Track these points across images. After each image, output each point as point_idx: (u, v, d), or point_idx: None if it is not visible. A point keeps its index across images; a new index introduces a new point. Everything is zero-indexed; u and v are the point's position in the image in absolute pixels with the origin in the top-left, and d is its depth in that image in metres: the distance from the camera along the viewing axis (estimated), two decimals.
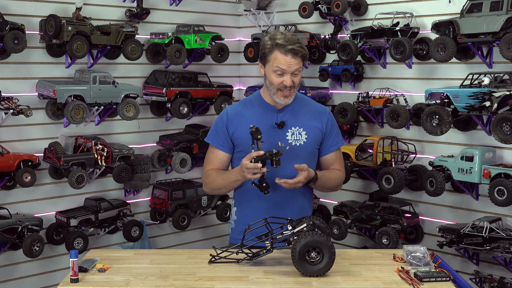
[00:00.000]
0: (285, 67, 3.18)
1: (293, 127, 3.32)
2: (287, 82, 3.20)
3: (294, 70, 3.20)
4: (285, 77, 3.21)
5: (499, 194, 4.56)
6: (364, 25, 5.69)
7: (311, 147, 3.34)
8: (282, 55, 3.18)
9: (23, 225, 4.98)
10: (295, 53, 3.17)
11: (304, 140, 3.31)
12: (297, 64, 3.21)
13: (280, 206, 3.24)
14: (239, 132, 3.33)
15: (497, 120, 4.45)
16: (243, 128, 3.28)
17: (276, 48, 3.19)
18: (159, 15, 6.06)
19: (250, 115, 3.35)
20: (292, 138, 3.30)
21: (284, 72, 3.20)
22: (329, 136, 3.41)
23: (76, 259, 2.61)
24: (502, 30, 4.52)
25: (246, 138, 3.23)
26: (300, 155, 3.28)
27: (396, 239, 5.15)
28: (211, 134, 3.45)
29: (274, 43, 3.20)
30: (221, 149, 3.38)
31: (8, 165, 4.95)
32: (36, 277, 5.41)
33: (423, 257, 2.81)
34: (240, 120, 3.34)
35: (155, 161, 6.03)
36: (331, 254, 2.62)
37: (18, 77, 5.18)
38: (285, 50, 3.17)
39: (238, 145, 3.36)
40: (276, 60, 3.19)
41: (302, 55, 3.21)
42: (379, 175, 5.29)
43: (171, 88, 5.81)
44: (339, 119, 5.64)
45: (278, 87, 3.23)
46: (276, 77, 3.22)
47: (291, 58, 3.18)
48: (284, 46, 3.17)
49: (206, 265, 2.83)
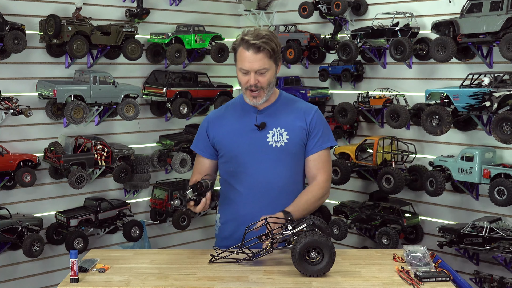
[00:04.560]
0: (247, 65, 3.00)
1: (274, 128, 3.15)
2: (251, 81, 3.03)
3: (258, 68, 3.00)
4: (249, 76, 3.03)
5: (499, 194, 4.56)
6: (364, 25, 5.69)
7: (294, 148, 3.16)
8: (244, 52, 3.00)
9: (23, 225, 4.97)
10: (257, 48, 2.97)
11: (285, 141, 3.14)
12: (260, 61, 2.99)
13: (263, 213, 2.98)
14: (219, 137, 3.22)
15: (497, 120, 4.45)
16: (223, 131, 3.20)
17: (241, 43, 3.03)
18: (159, 15, 6.06)
19: (230, 117, 3.24)
20: (272, 139, 3.14)
21: (248, 71, 3.03)
22: (314, 136, 3.19)
23: (76, 259, 2.61)
24: (502, 30, 4.52)
25: (227, 142, 3.18)
26: (281, 157, 3.14)
27: (396, 239, 5.15)
28: (195, 140, 3.35)
29: (240, 39, 3.04)
30: (204, 155, 3.28)
31: (8, 165, 4.94)
32: (36, 277, 5.41)
33: (423, 257, 2.80)
34: (220, 123, 3.24)
35: (155, 161, 6.03)
36: (331, 254, 2.62)
37: (18, 77, 5.18)
38: (247, 46, 2.98)
39: (219, 150, 3.25)
40: (240, 57, 3.04)
41: (267, 52, 3.00)
42: (379, 175, 5.29)
43: (171, 88, 5.81)
44: (339, 119, 5.64)
45: (245, 86, 3.09)
46: (241, 75, 3.07)
47: (252, 53, 2.98)
48: (247, 41, 2.98)
49: (206, 265, 2.83)
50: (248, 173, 3.16)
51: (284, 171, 3.16)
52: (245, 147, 3.15)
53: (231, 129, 3.20)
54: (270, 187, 3.14)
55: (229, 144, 3.18)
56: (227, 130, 3.20)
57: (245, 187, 3.18)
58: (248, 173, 3.16)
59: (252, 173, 3.14)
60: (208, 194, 2.96)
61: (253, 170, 3.14)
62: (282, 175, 3.15)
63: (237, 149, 3.18)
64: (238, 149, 3.17)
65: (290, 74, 6.32)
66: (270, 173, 3.12)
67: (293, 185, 3.20)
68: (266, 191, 3.13)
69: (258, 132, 3.15)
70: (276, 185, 3.14)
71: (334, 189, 6.00)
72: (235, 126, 3.19)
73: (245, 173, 3.17)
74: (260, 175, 3.13)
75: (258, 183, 3.14)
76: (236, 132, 3.19)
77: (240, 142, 3.17)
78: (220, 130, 3.22)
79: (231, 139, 3.19)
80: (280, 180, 3.15)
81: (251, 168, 3.15)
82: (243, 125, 3.18)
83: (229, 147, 3.19)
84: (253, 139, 3.15)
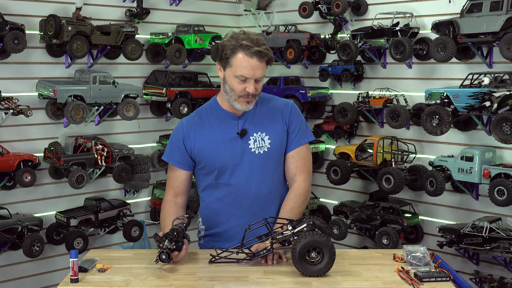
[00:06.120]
0: (249, 73, 2.86)
1: (255, 133, 3.03)
2: (249, 89, 2.89)
3: (260, 76, 2.90)
4: (248, 84, 2.90)
5: (499, 194, 4.56)
6: (364, 25, 5.69)
7: (277, 153, 3.06)
8: (246, 58, 2.85)
9: (23, 225, 4.98)
10: (261, 56, 2.86)
11: (268, 146, 3.03)
12: (262, 69, 2.89)
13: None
14: (198, 148, 3.05)
15: (497, 120, 4.45)
16: (202, 142, 3.04)
17: (240, 49, 2.86)
18: (159, 15, 6.06)
19: (208, 126, 3.06)
20: (255, 146, 3.01)
21: (247, 78, 2.89)
22: (292, 132, 3.08)
23: (76, 259, 2.60)
24: (502, 30, 4.52)
25: (207, 153, 3.03)
26: (265, 164, 3.04)
27: (396, 239, 5.15)
28: (168, 151, 3.15)
29: (238, 44, 2.86)
30: (179, 167, 3.11)
31: (8, 165, 4.94)
32: (36, 277, 5.41)
33: (423, 257, 2.80)
34: (198, 133, 3.06)
35: (155, 161, 6.03)
36: (331, 254, 2.62)
37: (18, 77, 5.18)
38: (251, 53, 2.84)
39: (199, 161, 3.08)
40: (240, 64, 2.86)
41: (267, 60, 2.90)
42: (379, 175, 5.29)
43: (171, 88, 5.81)
44: (339, 119, 5.64)
45: (240, 94, 2.92)
46: (238, 83, 2.90)
47: (256, 61, 2.86)
48: (250, 47, 2.84)
49: (206, 265, 2.83)
50: (233, 184, 3.05)
51: (270, 178, 3.08)
52: (228, 157, 3.02)
53: (210, 139, 3.05)
54: (256, 196, 3.05)
55: (210, 155, 3.03)
56: (206, 140, 3.04)
57: (230, 199, 3.08)
58: (233, 184, 3.05)
59: (237, 184, 3.04)
60: (185, 240, 2.82)
61: (237, 181, 3.04)
62: (268, 183, 3.07)
63: (219, 160, 3.03)
64: (220, 160, 3.03)
65: (290, 74, 6.32)
66: (256, 182, 3.03)
67: (277, 191, 3.12)
68: (254, 200, 3.05)
69: (240, 140, 3.02)
70: (262, 194, 3.06)
71: (334, 189, 6.01)
72: (214, 135, 3.03)
73: (229, 184, 3.06)
74: (245, 185, 3.03)
75: (244, 194, 3.05)
76: (216, 142, 3.04)
77: (221, 152, 3.03)
78: (198, 140, 3.05)
79: (211, 149, 3.04)
80: (266, 187, 3.07)
81: (235, 179, 3.04)
82: (223, 133, 3.03)
83: (210, 159, 3.04)
84: (235, 148, 3.02)
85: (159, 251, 2.69)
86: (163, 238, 2.72)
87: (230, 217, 3.11)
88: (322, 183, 6.05)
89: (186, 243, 2.82)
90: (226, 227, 3.14)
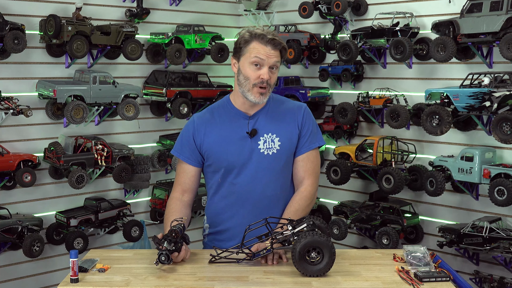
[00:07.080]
0: (264, 57, 2.92)
1: (266, 134, 3.03)
2: (264, 75, 2.92)
3: (273, 63, 2.95)
4: (263, 70, 2.93)
5: (499, 194, 4.56)
6: (364, 25, 5.69)
7: (285, 155, 3.07)
8: (261, 46, 2.93)
9: (23, 225, 4.97)
10: (275, 44, 2.94)
11: (277, 147, 3.04)
12: (277, 57, 2.96)
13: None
14: (207, 144, 3.06)
15: (497, 120, 4.45)
16: (211, 139, 3.05)
17: (254, 38, 2.95)
18: (159, 15, 6.06)
19: (219, 124, 3.07)
20: (264, 146, 3.02)
21: (262, 64, 2.93)
22: (303, 135, 3.10)
23: (76, 259, 2.60)
24: (502, 30, 4.52)
25: (215, 151, 3.03)
26: (274, 166, 3.04)
27: (396, 239, 5.15)
28: (177, 145, 3.16)
29: (253, 34, 2.95)
30: (189, 162, 3.11)
31: (8, 165, 4.94)
32: (36, 277, 5.41)
33: (423, 257, 2.80)
34: (208, 130, 3.07)
35: (155, 161, 6.03)
36: (331, 254, 2.62)
37: (18, 77, 5.18)
38: (265, 41, 2.92)
39: (207, 158, 3.09)
40: (255, 50, 2.94)
41: (281, 49, 2.97)
42: (379, 175, 5.29)
43: (171, 88, 5.81)
44: (339, 119, 5.64)
45: (254, 82, 2.95)
46: (253, 70, 2.95)
47: (270, 49, 2.93)
48: (264, 36, 2.93)
49: (206, 265, 2.83)
50: (238, 183, 3.05)
51: (275, 180, 3.07)
52: (236, 156, 3.02)
53: (220, 137, 3.05)
54: (261, 197, 3.05)
55: (218, 152, 3.04)
56: (215, 137, 3.05)
57: (234, 198, 3.08)
58: (238, 183, 3.05)
59: (242, 183, 3.04)
60: (184, 242, 2.81)
61: (243, 181, 3.04)
62: (274, 185, 3.07)
63: (227, 159, 3.04)
64: (228, 159, 3.04)
65: (290, 74, 6.32)
66: (261, 183, 3.03)
67: (283, 194, 3.12)
68: (258, 201, 3.05)
69: (249, 140, 3.03)
70: (267, 195, 3.06)
71: (334, 189, 6.01)
72: (224, 133, 3.04)
73: (234, 183, 3.06)
74: (250, 185, 3.03)
75: (248, 193, 3.05)
76: (225, 140, 3.04)
77: (230, 150, 3.03)
78: (208, 137, 3.06)
79: (220, 147, 3.04)
80: (271, 189, 3.06)
81: (241, 178, 3.04)
82: (232, 132, 3.04)
83: (218, 156, 3.04)
84: (244, 148, 3.02)
85: (158, 253, 2.69)
86: (161, 240, 2.72)
87: (234, 216, 3.12)
88: (322, 183, 6.04)
89: (185, 244, 2.83)
90: (229, 226, 3.14)
